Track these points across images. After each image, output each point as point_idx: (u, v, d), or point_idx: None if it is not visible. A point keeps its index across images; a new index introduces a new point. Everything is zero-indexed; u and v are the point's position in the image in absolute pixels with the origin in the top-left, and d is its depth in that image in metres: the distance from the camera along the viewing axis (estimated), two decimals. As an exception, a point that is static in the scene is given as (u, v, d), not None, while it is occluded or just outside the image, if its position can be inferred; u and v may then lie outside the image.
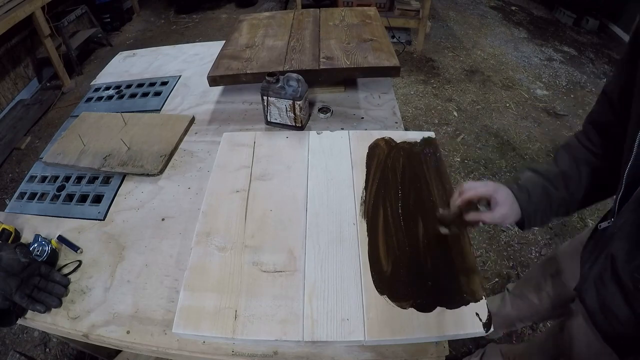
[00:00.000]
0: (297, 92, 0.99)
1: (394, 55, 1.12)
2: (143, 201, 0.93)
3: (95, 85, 1.38)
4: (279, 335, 0.63)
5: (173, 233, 0.85)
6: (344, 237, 0.76)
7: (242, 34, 1.31)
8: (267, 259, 0.74)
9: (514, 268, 1.69)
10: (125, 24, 4.03)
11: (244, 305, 0.67)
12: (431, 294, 0.67)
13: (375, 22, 1.32)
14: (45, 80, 3.11)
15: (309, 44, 1.21)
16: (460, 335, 0.63)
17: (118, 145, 1.04)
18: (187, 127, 1.11)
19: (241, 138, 1.01)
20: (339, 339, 0.63)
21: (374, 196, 0.84)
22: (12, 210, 0.96)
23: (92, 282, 0.78)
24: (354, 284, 0.69)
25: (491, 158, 2.24)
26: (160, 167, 0.98)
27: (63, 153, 1.05)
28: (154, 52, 1.54)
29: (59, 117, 2.76)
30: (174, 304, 0.70)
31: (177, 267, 0.79)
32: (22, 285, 0.71)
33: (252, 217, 0.82)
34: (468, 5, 3.97)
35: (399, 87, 2.79)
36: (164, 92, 1.28)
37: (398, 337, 0.63)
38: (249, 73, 1.10)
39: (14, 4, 2.46)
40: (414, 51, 3.16)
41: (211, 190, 0.88)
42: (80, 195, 0.97)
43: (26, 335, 1.58)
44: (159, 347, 0.69)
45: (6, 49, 2.79)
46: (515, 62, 3.07)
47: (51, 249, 0.79)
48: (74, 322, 0.72)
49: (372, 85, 1.22)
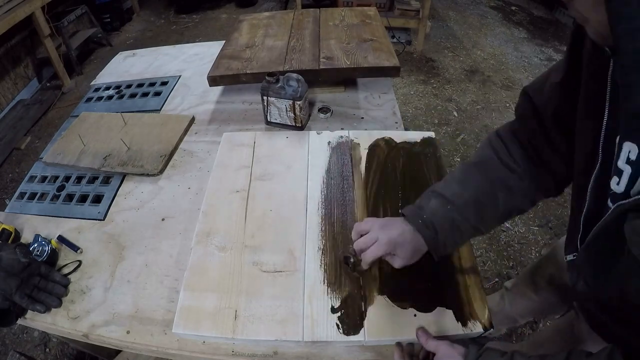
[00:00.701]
0: (297, 92, 0.99)
1: (394, 55, 1.12)
2: (143, 201, 0.93)
3: (95, 85, 1.38)
4: (278, 335, 0.63)
5: (173, 233, 0.85)
6: (345, 237, 0.76)
7: (242, 34, 1.31)
8: (267, 259, 0.74)
9: (514, 268, 1.69)
10: (125, 24, 4.02)
11: (244, 305, 0.67)
12: (431, 294, 0.67)
13: (375, 22, 1.32)
14: (45, 80, 3.11)
15: (309, 44, 1.21)
16: (460, 335, 0.63)
17: (118, 145, 1.04)
18: (187, 127, 1.11)
19: (241, 138, 1.01)
20: (339, 339, 0.63)
21: (374, 196, 0.84)
22: (12, 210, 0.96)
23: (92, 282, 0.78)
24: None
25: (491, 158, 2.23)
26: (160, 167, 0.98)
27: (63, 153, 1.05)
28: (154, 52, 1.54)
29: (59, 117, 2.76)
30: (174, 304, 0.70)
31: (177, 267, 0.79)
32: (22, 285, 0.71)
33: (252, 217, 0.82)
34: (468, 5, 3.97)
35: (399, 87, 2.79)
36: (164, 92, 1.28)
37: (398, 337, 0.63)
38: (249, 73, 1.10)
39: (14, 4, 2.46)
40: (414, 51, 3.16)
41: (211, 190, 0.88)
42: (80, 195, 0.97)
43: (26, 335, 1.57)
44: (159, 347, 0.69)
45: (6, 49, 2.79)
46: (515, 62, 3.07)
47: (51, 249, 0.79)
48: (74, 322, 0.72)
49: (372, 85, 1.22)
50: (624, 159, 0.42)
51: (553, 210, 1.92)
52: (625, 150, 0.42)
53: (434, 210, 0.64)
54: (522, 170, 0.65)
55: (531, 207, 0.68)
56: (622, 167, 0.42)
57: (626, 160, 0.42)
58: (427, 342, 0.58)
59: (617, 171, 0.43)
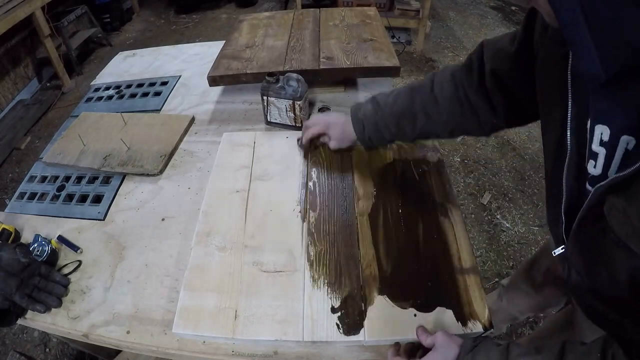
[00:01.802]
0: (297, 92, 0.99)
1: (394, 55, 1.12)
2: (143, 201, 0.93)
3: (95, 85, 1.38)
4: (279, 335, 0.63)
5: (173, 233, 0.85)
6: (345, 237, 0.76)
7: (242, 34, 1.31)
8: (267, 259, 0.74)
9: (514, 268, 1.69)
10: (125, 24, 4.02)
11: (244, 305, 0.67)
12: (431, 294, 0.67)
13: (375, 22, 1.32)
14: (45, 80, 3.11)
15: (309, 44, 1.21)
16: (460, 335, 0.63)
17: (118, 145, 1.04)
18: (187, 127, 1.11)
19: (241, 138, 1.01)
20: (339, 339, 0.63)
21: (374, 196, 0.84)
22: (12, 210, 0.96)
23: (92, 282, 0.78)
24: (354, 284, 0.68)
25: (491, 158, 2.24)
26: (160, 167, 0.98)
27: (63, 153, 1.05)
28: (154, 52, 1.54)
29: (59, 117, 2.76)
30: (174, 304, 0.70)
31: (177, 267, 0.78)
32: (22, 285, 0.71)
33: (252, 217, 0.82)
34: (468, 5, 3.97)
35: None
36: (164, 92, 1.28)
37: (398, 337, 0.63)
38: (249, 73, 1.10)
39: (14, 4, 2.46)
40: (414, 51, 3.16)
41: (211, 190, 0.88)
42: (80, 195, 0.97)
43: (26, 335, 1.58)
44: (159, 347, 0.69)
45: (6, 49, 2.79)
46: (515, 62, 3.07)
47: (51, 249, 0.79)
48: (74, 322, 0.72)
49: (372, 85, 1.22)
50: (597, 142, 0.43)
51: (553, 210, 1.92)
52: (597, 132, 0.42)
53: (367, 111, 0.81)
54: (445, 106, 0.74)
55: (449, 138, 0.80)
56: (597, 150, 0.43)
57: (599, 143, 0.42)
58: (426, 340, 0.59)
59: (592, 154, 0.44)
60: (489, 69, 0.68)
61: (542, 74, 0.57)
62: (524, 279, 1.12)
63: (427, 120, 0.75)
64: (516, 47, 0.63)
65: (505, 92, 0.67)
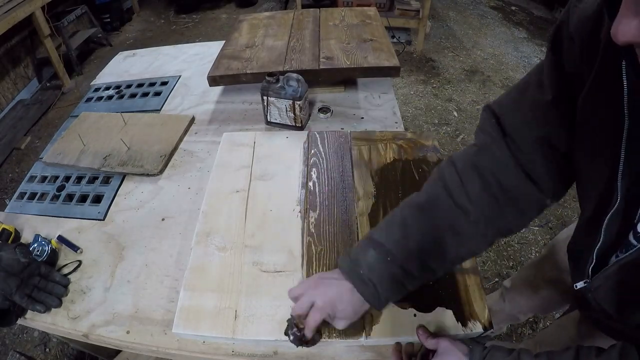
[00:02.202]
0: (297, 92, 0.99)
1: (394, 55, 1.12)
2: (143, 201, 0.93)
3: (95, 85, 1.38)
4: (279, 335, 0.63)
5: (173, 233, 0.85)
6: (344, 237, 0.76)
7: (242, 34, 1.31)
8: (267, 259, 0.74)
9: (514, 268, 1.69)
10: (125, 24, 4.02)
11: (244, 305, 0.67)
12: (431, 294, 0.67)
13: (375, 22, 1.32)
14: (45, 80, 3.11)
15: (309, 44, 1.21)
16: (460, 335, 0.63)
17: (118, 145, 1.04)
18: (187, 127, 1.11)
19: (241, 138, 1.01)
20: (339, 339, 0.63)
21: (374, 196, 0.84)
22: (12, 210, 0.96)
23: (92, 282, 0.78)
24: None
25: (491, 158, 2.23)
26: (160, 167, 0.98)
27: (63, 153, 1.05)
28: (154, 52, 1.54)
29: (59, 117, 2.76)
30: (174, 304, 0.70)
31: (177, 267, 0.79)
32: (22, 285, 0.71)
33: (252, 217, 0.82)
34: (468, 5, 3.97)
35: (399, 87, 2.79)
36: (164, 92, 1.28)
37: (398, 337, 0.63)
38: (249, 73, 1.10)
39: (14, 4, 2.46)
40: (414, 51, 3.16)
41: (211, 190, 0.88)
42: (80, 195, 0.97)
43: (26, 335, 1.57)
44: (159, 347, 0.69)
45: (6, 49, 2.79)
46: (515, 62, 3.06)
47: (51, 249, 0.79)
48: (74, 322, 0.72)
49: (372, 85, 1.22)
50: None
51: (553, 210, 1.92)
52: None
53: (372, 264, 0.55)
54: (479, 211, 0.55)
55: (488, 248, 0.61)
56: None
57: None
58: (427, 340, 0.58)
59: None
60: (534, 138, 0.52)
61: (590, 112, 0.46)
62: (526, 283, 1.11)
63: (459, 241, 0.56)
64: (553, 93, 0.49)
65: (553, 156, 0.52)
